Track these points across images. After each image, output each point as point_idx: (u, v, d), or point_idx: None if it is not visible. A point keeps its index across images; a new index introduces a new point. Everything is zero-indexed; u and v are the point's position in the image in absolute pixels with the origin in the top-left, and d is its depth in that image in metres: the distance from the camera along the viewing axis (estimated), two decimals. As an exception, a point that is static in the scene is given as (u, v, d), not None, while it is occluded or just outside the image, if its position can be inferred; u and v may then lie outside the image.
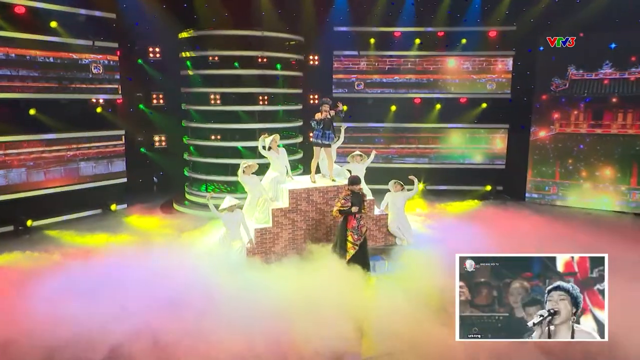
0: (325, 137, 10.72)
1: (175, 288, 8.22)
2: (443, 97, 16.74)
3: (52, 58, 12.66)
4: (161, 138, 15.99)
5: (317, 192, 10.72)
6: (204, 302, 7.92)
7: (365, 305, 8.11)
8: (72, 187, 13.33)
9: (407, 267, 9.71)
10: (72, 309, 7.56)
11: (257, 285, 8.56)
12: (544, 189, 16.03)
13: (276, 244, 10.35)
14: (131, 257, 9.76)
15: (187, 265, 9.14)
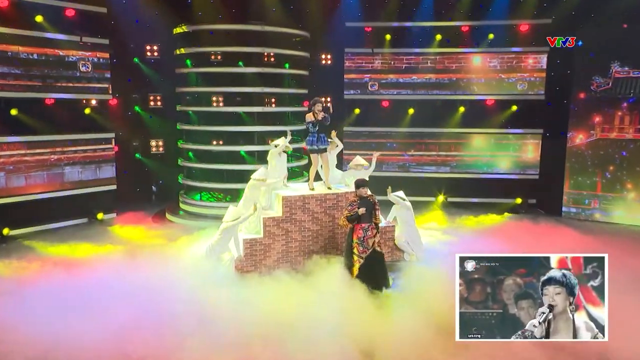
0: (321, 141, 10.02)
1: (156, 305, 7.77)
2: (467, 99, 15.59)
3: (37, 55, 12.21)
4: (158, 143, 15.38)
5: (314, 200, 9.96)
6: (185, 320, 7.38)
7: (363, 330, 7.27)
8: (56, 194, 12.80)
9: (414, 285, 8.81)
10: (42, 326, 7.20)
11: (245, 302, 7.99)
12: (584, 202, 14.55)
13: (267, 256, 9.66)
14: (110, 271, 9.29)
15: (169, 280, 8.63)
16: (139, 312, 7.58)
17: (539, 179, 15.43)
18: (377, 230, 8.82)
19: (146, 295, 8.09)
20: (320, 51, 15.89)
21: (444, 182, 15.68)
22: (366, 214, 8.68)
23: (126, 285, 8.48)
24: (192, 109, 14.08)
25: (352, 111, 15.93)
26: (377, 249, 8.81)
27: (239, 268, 9.34)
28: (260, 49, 13.68)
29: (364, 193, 8.78)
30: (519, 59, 15.22)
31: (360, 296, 8.17)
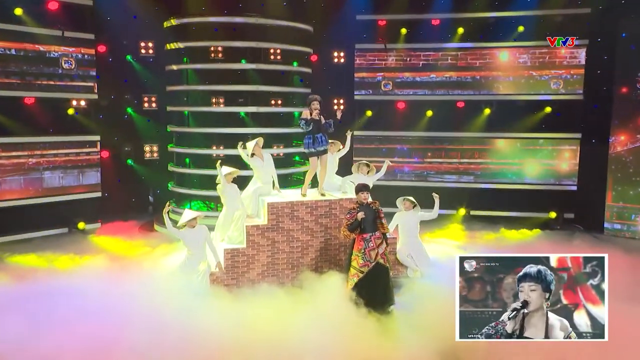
0: (318, 142, 9.16)
1: (117, 325, 7.13)
2: (493, 100, 14.47)
3: (15, 50, 11.81)
4: (153, 148, 14.67)
5: (304, 207, 9.22)
6: (146, 344, 6.69)
7: (354, 354, 6.75)
8: (34, 201, 12.28)
9: (417, 305, 8.11)
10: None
11: (221, 322, 7.29)
12: (629, 217, 13.01)
13: (251, 269, 9.01)
14: (75, 283, 8.72)
15: (136, 295, 7.97)
16: (95, 334, 6.88)
17: (577, 191, 14.05)
18: (382, 241, 8.06)
19: (105, 314, 7.41)
20: (327, 47, 14.99)
21: (467, 193, 14.53)
22: (368, 221, 7.96)
23: (87, 300, 7.88)
24: (182, 108, 13.39)
25: (363, 113, 14.98)
26: (380, 262, 7.99)
27: (218, 281, 8.63)
28: (255, 44, 12.88)
29: (364, 199, 8.08)
30: (553, 54, 13.97)
31: (354, 315, 7.46)
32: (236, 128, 12.90)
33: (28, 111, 12.15)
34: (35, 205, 12.30)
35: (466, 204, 14.35)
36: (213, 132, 13.09)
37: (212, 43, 13.00)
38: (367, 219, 7.91)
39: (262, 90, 13.19)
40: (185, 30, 13.10)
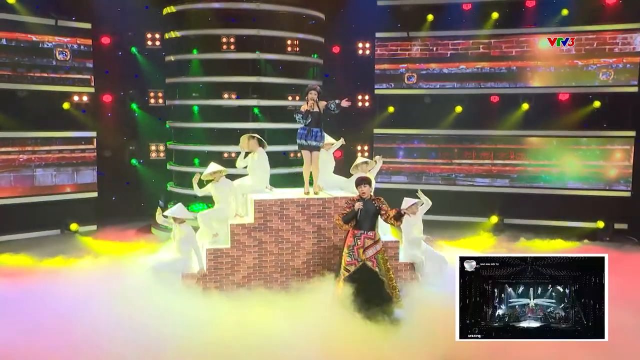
0: (312, 136, 8.67)
1: (91, 325, 7.10)
2: (532, 93, 13.73)
3: (6, 40, 11.76)
4: (159, 147, 14.38)
5: (294, 205, 8.79)
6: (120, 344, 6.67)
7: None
8: (24, 200, 12.24)
9: (417, 311, 7.62)
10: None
11: (197, 328, 7.13)
12: (693, 228, 11.66)
13: (236, 271, 8.72)
14: (56, 285, 8.72)
15: (115, 296, 7.93)
16: (68, 337, 6.80)
17: (631, 197, 13.02)
18: (374, 243, 7.64)
19: (78, 317, 7.30)
20: (344, 37, 14.46)
21: (500, 198, 13.81)
22: (365, 217, 7.59)
23: (65, 300, 7.87)
24: (183, 102, 13.15)
25: (385, 109, 14.43)
26: (368, 264, 7.57)
27: (199, 284, 8.36)
28: (255, 31, 12.49)
29: (363, 192, 7.67)
30: (602, 40, 13.09)
31: (344, 322, 7.20)
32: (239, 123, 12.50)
33: (20, 104, 12.15)
34: (26, 204, 12.25)
35: (499, 211, 13.58)
36: (216, 128, 12.82)
37: (213, 31, 12.82)
38: (365, 213, 7.54)
39: (267, 82, 12.85)
40: (184, 17, 12.89)
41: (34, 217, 12.34)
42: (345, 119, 14.72)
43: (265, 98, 13.03)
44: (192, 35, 12.89)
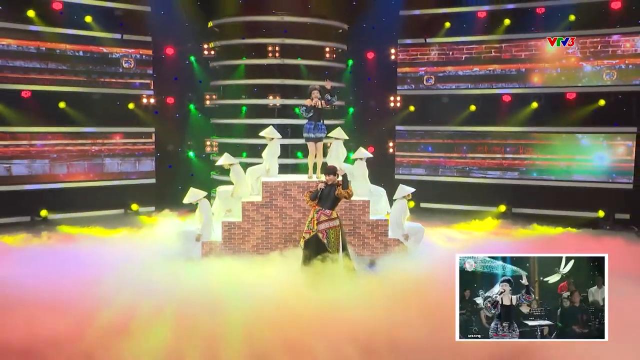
0: (317, 129, 10.31)
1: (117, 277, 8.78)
2: (541, 93, 14.67)
3: (82, 52, 14.22)
4: (213, 143, 16.46)
5: (296, 187, 10.31)
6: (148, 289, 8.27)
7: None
8: (95, 184, 14.58)
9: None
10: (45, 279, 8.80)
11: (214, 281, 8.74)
12: (687, 218, 12.55)
13: (246, 241, 10.25)
14: (108, 248, 10.95)
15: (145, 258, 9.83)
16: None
17: (634, 189, 13.74)
18: (329, 219, 8.95)
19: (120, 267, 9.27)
20: (370, 44, 16.05)
21: (510, 189, 14.87)
22: (326, 199, 8.97)
23: (115, 259, 9.82)
24: (221, 102, 15.35)
25: (406, 108, 15.82)
26: (319, 235, 8.90)
27: (214, 252, 10.03)
28: (280, 40, 14.49)
29: (329, 180, 9.02)
30: (605, 43, 13.87)
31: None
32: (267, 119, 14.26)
33: (93, 105, 14.47)
34: (96, 187, 14.56)
35: (507, 200, 14.60)
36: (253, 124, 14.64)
37: (242, 41, 15.01)
38: (326, 195, 8.89)
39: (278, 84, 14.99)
40: (223, 30, 15.01)
41: (102, 198, 14.47)
42: (372, 116, 16.62)
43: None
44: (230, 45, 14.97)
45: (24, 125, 13.66)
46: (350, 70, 16.60)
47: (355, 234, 10.31)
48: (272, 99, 15.20)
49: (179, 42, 15.82)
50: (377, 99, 16.63)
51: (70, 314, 7.64)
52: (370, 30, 16.00)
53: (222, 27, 15.19)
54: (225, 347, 7.01)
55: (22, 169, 13.77)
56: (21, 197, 13.68)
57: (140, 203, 14.95)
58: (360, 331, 7.33)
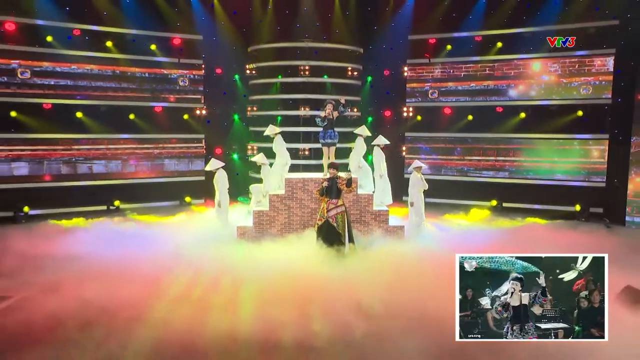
0: (329, 136, 12.15)
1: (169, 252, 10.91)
2: (528, 105, 16.12)
3: (148, 73, 16.63)
4: (254, 147, 18.44)
5: (313, 182, 12.12)
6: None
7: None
8: (156, 180, 16.95)
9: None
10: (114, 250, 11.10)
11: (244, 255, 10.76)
12: (648, 211, 13.97)
13: (272, 226, 12.06)
14: (165, 229, 13.31)
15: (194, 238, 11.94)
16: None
17: (606, 187, 15.10)
18: (336, 207, 10.77)
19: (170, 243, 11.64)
20: (385, 63, 17.89)
21: (501, 186, 16.40)
22: (331, 191, 10.79)
23: (172, 239, 12.09)
24: (259, 113, 17.46)
25: (414, 118, 17.56)
26: (329, 221, 10.75)
27: (246, 235, 11.91)
28: (303, 63, 16.62)
29: (332, 173, 10.85)
30: (582, 62, 15.27)
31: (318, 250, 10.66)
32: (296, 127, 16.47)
33: (155, 117, 16.89)
34: (157, 183, 16.93)
35: (499, 196, 16.16)
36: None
37: (276, 63, 17.14)
38: (330, 188, 10.70)
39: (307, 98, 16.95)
40: (259, 53, 17.20)
41: (162, 191, 16.82)
42: (387, 123, 18.41)
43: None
44: (266, 66, 17.13)
45: (102, 132, 16.08)
46: (370, 85, 18.43)
47: (361, 222, 12.08)
48: (303, 110, 17.16)
49: (226, 64, 18.01)
50: (392, 110, 18.37)
51: (140, 281, 9.20)
52: (386, 52, 17.82)
53: (260, 52, 17.33)
54: (259, 301, 8.52)
55: (100, 167, 16.21)
56: (99, 190, 16.09)
57: (192, 196, 17.19)
58: (361, 299, 8.44)
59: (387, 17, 17.66)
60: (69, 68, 15.41)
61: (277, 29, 17.61)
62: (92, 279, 9.35)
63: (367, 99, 18.37)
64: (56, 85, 15.29)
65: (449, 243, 11.49)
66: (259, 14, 17.66)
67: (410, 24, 17.29)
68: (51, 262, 10.61)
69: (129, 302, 8.41)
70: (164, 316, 8.00)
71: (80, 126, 15.77)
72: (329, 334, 7.44)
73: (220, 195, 12.45)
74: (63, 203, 15.34)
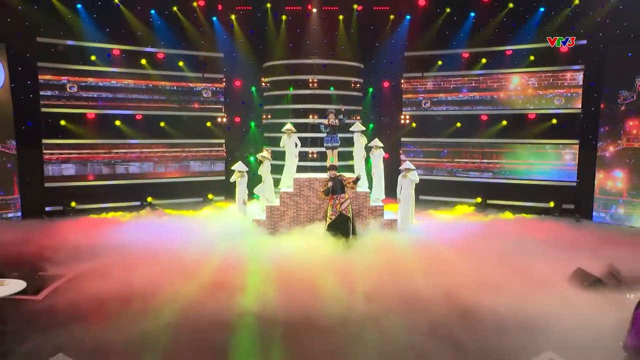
0: (332, 140, 13.58)
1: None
2: (509, 114, 17.40)
3: (176, 87, 18.10)
4: (268, 150, 19.89)
5: (317, 182, 13.46)
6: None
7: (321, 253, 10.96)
8: (183, 179, 18.55)
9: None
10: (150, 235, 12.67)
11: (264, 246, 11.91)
12: (612, 207, 15.13)
13: (283, 219, 13.39)
14: (188, 221, 14.81)
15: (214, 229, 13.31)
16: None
17: (577, 186, 16.36)
18: (346, 200, 12.16)
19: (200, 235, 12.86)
20: (384, 77, 19.22)
21: (485, 186, 17.69)
22: (337, 188, 12.17)
23: (198, 230, 13.52)
24: (273, 121, 18.81)
25: (409, 124, 18.93)
26: (343, 213, 12.15)
27: (262, 227, 13.26)
28: (312, 77, 17.96)
29: (332, 174, 12.28)
30: (556, 77, 16.53)
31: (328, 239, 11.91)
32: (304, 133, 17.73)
33: (182, 124, 18.48)
34: (184, 182, 18.55)
35: (483, 194, 17.50)
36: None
37: (287, 77, 18.47)
38: (335, 186, 12.11)
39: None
40: (273, 69, 18.64)
41: (188, 189, 18.37)
42: (386, 130, 19.65)
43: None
44: (279, 80, 18.61)
45: (137, 138, 17.72)
46: (372, 95, 19.73)
47: (359, 215, 13.37)
48: (311, 118, 18.48)
49: (244, 77, 19.50)
50: (391, 117, 19.64)
51: (173, 265, 10.28)
52: (386, 66, 19.13)
53: (273, 67, 18.81)
54: (275, 283, 9.45)
55: (135, 168, 17.80)
56: (134, 188, 17.72)
57: (214, 193, 18.74)
58: (361, 281, 9.39)
59: (386, 35, 18.93)
60: (109, 83, 17.04)
61: (289, 46, 18.97)
62: (132, 263, 10.34)
63: (369, 108, 19.66)
64: (98, 97, 16.97)
65: (433, 234, 12.75)
66: (273, 33, 19.07)
67: (406, 42, 18.49)
68: (96, 249, 11.75)
69: (162, 283, 9.26)
70: (194, 295, 8.77)
71: (119, 133, 17.41)
72: (334, 312, 8.22)
73: (242, 195, 13.75)
74: (104, 199, 16.98)
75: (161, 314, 8.03)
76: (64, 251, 11.41)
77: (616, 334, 6.89)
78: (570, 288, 9.10)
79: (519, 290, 8.87)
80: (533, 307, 8.19)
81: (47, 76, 16.00)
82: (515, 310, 8.05)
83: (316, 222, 13.03)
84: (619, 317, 7.04)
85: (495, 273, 9.79)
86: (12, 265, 10.08)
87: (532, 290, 8.91)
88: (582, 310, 8.06)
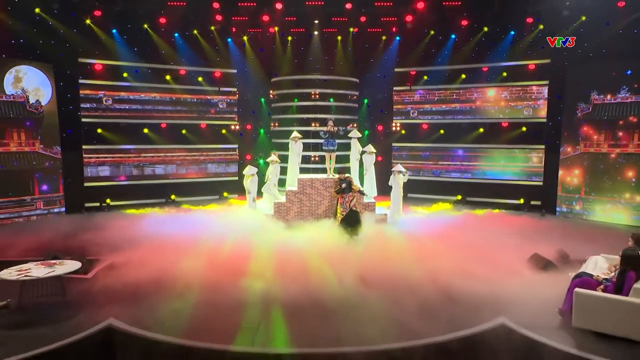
0: (330, 144, 15.05)
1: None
2: (485, 122, 18.86)
3: (196, 99, 19.42)
4: (276, 154, 21.18)
5: (319, 182, 14.92)
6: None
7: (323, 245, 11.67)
8: (201, 179, 20.01)
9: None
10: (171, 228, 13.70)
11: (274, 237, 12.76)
12: (572, 203, 16.42)
13: (288, 214, 14.79)
14: (204, 215, 15.88)
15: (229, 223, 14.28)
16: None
17: (543, 185, 17.76)
18: (354, 197, 13.49)
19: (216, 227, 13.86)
20: (376, 89, 20.54)
21: (465, 185, 19.14)
22: (346, 188, 13.60)
23: (216, 224, 14.40)
24: (280, 128, 20.21)
25: (399, 132, 20.36)
26: (353, 209, 13.51)
27: (273, 219, 14.55)
28: (314, 90, 19.25)
29: (342, 176, 13.80)
30: (525, 90, 17.89)
31: (334, 232, 12.72)
32: (307, 139, 19.10)
33: (201, 132, 19.93)
34: (202, 182, 20.05)
35: (463, 192, 18.91)
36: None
37: (291, 90, 20.02)
38: (345, 186, 13.56)
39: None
40: (280, 82, 20.18)
41: (206, 188, 19.86)
42: (381, 136, 20.91)
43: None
44: (285, 93, 20.07)
45: (162, 144, 19.25)
46: (367, 105, 21.03)
47: (355, 210, 14.70)
48: (314, 126, 19.78)
49: (254, 90, 20.94)
50: (383, 125, 20.92)
51: (197, 253, 10.85)
52: (379, 79, 20.50)
53: (280, 81, 20.29)
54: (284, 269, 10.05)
55: (160, 170, 19.20)
56: (160, 187, 19.22)
57: (228, 192, 20.27)
58: (357, 268, 9.91)
59: (379, 53, 20.33)
60: (139, 96, 18.44)
61: (294, 62, 20.31)
62: (161, 251, 11.05)
63: (364, 117, 20.96)
64: (129, 109, 18.33)
65: (417, 226, 14.01)
66: (281, 50, 20.39)
67: (396, 59, 19.79)
68: (130, 238, 12.59)
69: (188, 269, 9.85)
70: (215, 280, 9.35)
71: (146, 139, 18.90)
72: (335, 294, 8.85)
73: (252, 192, 15.06)
74: (134, 196, 18.47)
75: (188, 294, 8.74)
76: (104, 240, 12.44)
77: (558, 303, 8.25)
78: (527, 269, 10.18)
79: (486, 272, 9.75)
80: (496, 285, 9.07)
81: (86, 91, 17.52)
82: (481, 288, 8.89)
83: (320, 217, 14.25)
84: (562, 290, 8.29)
85: (468, 258, 10.69)
86: (64, 250, 11.17)
87: (496, 272, 9.79)
88: (534, 286, 9.05)
